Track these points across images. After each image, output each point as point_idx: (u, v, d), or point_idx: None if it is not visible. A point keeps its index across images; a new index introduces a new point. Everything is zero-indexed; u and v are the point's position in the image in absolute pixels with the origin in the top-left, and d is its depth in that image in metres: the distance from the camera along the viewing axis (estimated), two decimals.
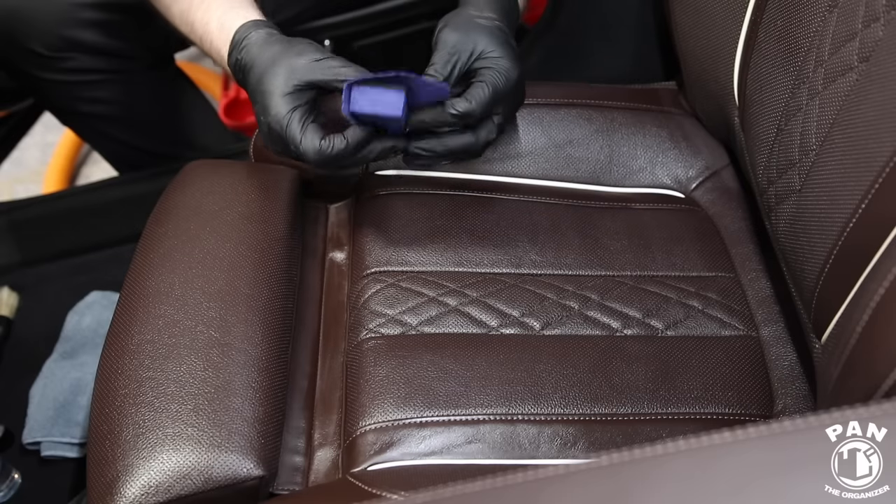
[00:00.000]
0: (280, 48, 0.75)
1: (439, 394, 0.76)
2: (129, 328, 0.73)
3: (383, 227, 0.89)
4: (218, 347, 0.71)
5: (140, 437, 0.66)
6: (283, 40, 0.77)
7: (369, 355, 0.79)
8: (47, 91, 1.17)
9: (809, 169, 0.68)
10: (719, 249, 0.91)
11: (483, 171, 0.96)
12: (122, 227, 1.25)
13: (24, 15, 1.07)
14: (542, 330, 0.81)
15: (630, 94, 1.02)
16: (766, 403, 0.78)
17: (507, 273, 0.86)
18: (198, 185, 0.85)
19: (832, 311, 0.65)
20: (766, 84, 0.77)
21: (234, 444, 0.66)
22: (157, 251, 0.78)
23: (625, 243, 0.89)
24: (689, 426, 0.76)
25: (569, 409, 0.76)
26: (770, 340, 0.83)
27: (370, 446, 0.73)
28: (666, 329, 0.82)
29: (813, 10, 0.68)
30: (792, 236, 0.72)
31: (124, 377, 0.69)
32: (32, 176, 1.79)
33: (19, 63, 1.12)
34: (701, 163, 0.98)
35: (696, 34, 0.92)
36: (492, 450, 0.73)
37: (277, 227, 0.82)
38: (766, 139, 0.76)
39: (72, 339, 1.12)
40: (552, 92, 1.00)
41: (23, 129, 1.46)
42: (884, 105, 0.59)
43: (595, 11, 1.20)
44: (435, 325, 0.81)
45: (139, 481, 0.64)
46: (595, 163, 0.97)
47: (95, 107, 1.18)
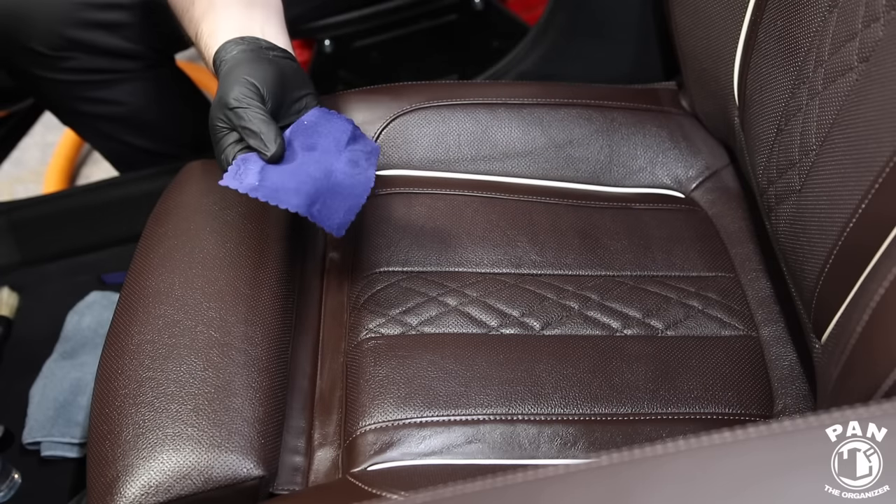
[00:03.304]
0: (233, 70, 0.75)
1: (439, 394, 0.76)
2: (129, 328, 0.73)
3: (383, 227, 0.89)
4: (218, 347, 0.71)
5: (140, 437, 0.66)
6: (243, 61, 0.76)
7: (369, 355, 0.79)
8: (48, 91, 1.16)
9: (809, 169, 0.68)
10: (719, 249, 0.91)
11: (483, 171, 0.96)
12: (122, 227, 1.25)
13: (25, 14, 1.07)
14: (542, 330, 0.81)
15: (630, 94, 1.02)
16: (766, 403, 0.78)
17: (507, 273, 0.86)
18: (198, 185, 0.85)
19: (832, 311, 0.65)
20: (766, 84, 0.77)
21: (234, 444, 0.66)
22: (158, 251, 0.78)
23: (625, 243, 0.89)
24: (689, 426, 0.76)
25: (569, 409, 0.76)
26: (770, 340, 0.83)
27: (370, 446, 0.73)
28: (666, 329, 0.82)
29: (813, 11, 0.68)
30: (792, 236, 0.72)
31: (124, 377, 0.69)
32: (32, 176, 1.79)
33: (20, 62, 1.12)
34: (701, 163, 0.98)
35: (696, 34, 0.92)
36: (492, 450, 0.73)
37: (277, 227, 0.82)
38: (766, 139, 0.76)
39: (72, 339, 1.12)
40: (552, 92, 1.00)
41: (23, 129, 1.46)
42: (884, 105, 0.59)
43: (595, 11, 1.20)
44: (435, 325, 0.81)
45: (139, 481, 0.64)
46: (595, 163, 0.97)
47: (96, 107, 1.18)
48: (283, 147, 0.73)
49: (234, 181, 0.71)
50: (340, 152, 0.76)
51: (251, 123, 0.72)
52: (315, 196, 0.72)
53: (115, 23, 1.10)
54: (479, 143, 0.96)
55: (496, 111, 0.97)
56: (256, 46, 0.77)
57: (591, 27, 1.22)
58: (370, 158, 0.78)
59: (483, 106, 0.97)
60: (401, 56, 1.50)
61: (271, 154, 0.72)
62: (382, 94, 0.98)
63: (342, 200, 0.73)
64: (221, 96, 0.74)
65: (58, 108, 1.23)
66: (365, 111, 0.96)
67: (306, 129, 0.77)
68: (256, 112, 0.72)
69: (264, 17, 0.82)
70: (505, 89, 1.01)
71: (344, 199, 0.74)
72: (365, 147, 0.79)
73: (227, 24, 0.79)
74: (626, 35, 1.20)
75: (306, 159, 0.74)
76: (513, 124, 0.97)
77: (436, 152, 0.96)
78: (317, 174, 0.73)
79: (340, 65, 1.47)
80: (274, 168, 0.72)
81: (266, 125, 0.72)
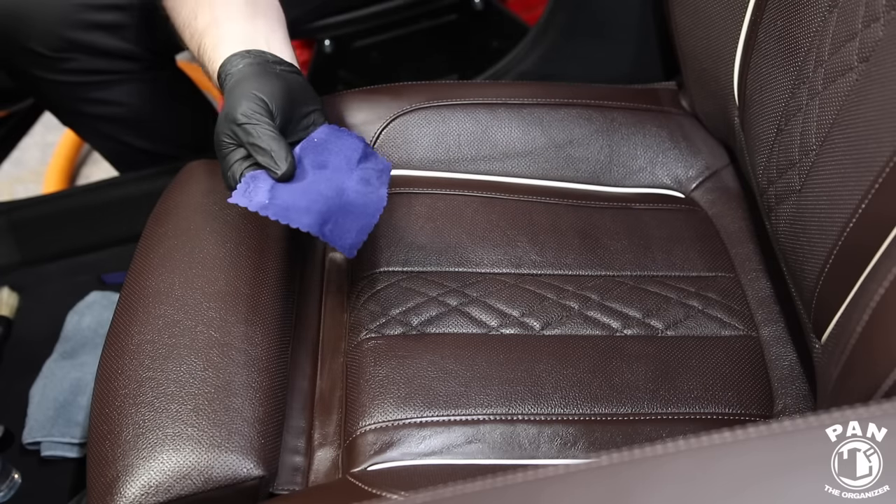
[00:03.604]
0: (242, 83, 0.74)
1: (439, 394, 0.76)
2: (129, 328, 0.73)
3: (383, 227, 0.89)
4: (218, 347, 0.71)
5: (140, 437, 0.66)
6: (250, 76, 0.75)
7: (369, 355, 0.79)
8: (48, 91, 1.16)
9: (809, 169, 0.68)
10: (719, 249, 0.91)
11: (483, 171, 0.96)
12: (122, 227, 1.25)
13: (24, 15, 1.07)
14: (542, 330, 0.81)
15: (630, 94, 1.02)
16: (766, 403, 0.78)
17: (507, 273, 0.86)
18: (198, 185, 0.85)
19: (832, 311, 0.65)
20: (766, 84, 0.77)
21: (234, 444, 0.66)
22: (158, 251, 0.78)
23: (625, 243, 0.89)
24: (689, 426, 0.76)
25: (569, 409, 0.76)
26: (770, 340, 0.83)
27: (370, 446, 0.73)
28: (666, 329, 0.82)
29: (813, 11, 0.68)
30: (792, 236, 0.72)
31: (124, 377, 0.69)
32: (32, 176, 1.79)
33: (20, 63, 1.12)
34: (701, 163, 0.98)
35: (696, 34, 0.92)
36: (492, 450, 0.73)
37: (278, 227, 0.82)
38: (766, 139, 0.76)
39: (72, 339, 1.12)
40: (552, 92, 1.00)
41: (23, 129, 1.46)
42: (884, 105, 0.59)
43: (595, 11, 1.20)
44: (435, 325, 0.81)
45: (139, 481, 0.64)
46: (595, 163, 0.97)
47: (96, 107, 1.18)
48: (293, 165, 0.72)
49: (243, 199, 0.70)
50: (352, 170, 0.75)
51: (261, 140, 0.71)
52: (327, 215, 0.71)
53: (114, 24, 1.10)
54: (479, 143, 0.96)
55: (496, 111, 0.97)
56: (263, 60, 0.76)
57: (591, 27, 1.22)
58: (382, 177, 0.77)
59: (483, 106, 0.97)
60: (401, 56, 1.50)
61: (282, 172, 0.71)
62: (382, 94, 0.98)
63: (354, 219, 0.73)
64: (229, 111, 0.72)
65: (58, 108, 1.23)
66: (365, 111, 0.96)
67: (316, 146, 0.75)
68: (266, 129, 0.71)
69: (268, 29, 0.81)
70: (505, 89, 1.01)
71: (356, 219, 0.73)
72: (376, 165, 0.78)
73: (231, 36, 0.78)
74: (626, 35, 1.20)
75: (317, 177, 0.73)
76: (513, 124, 0.97)
77: (436, 152, 0.96)
78: (328, 192, 0.72)
79: (340, 65, 1.47)
80: (284, 186, 0.71)
81: (276, 142, 0.71)
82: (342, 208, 0.72)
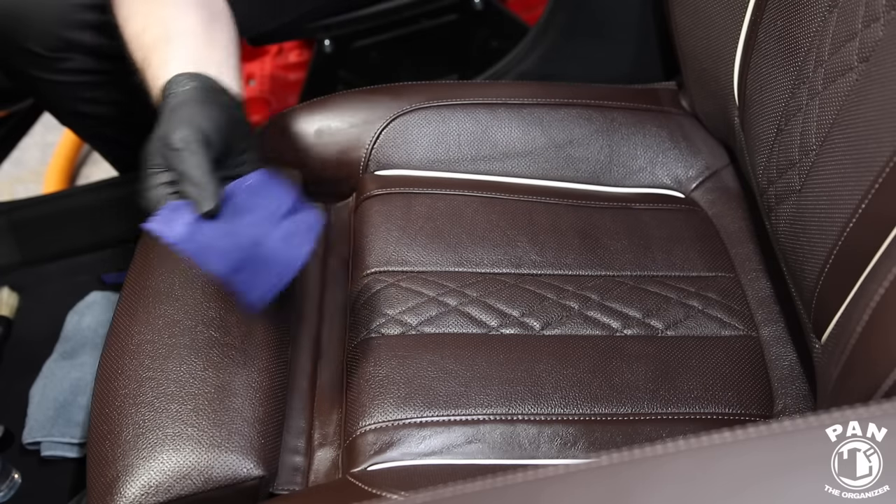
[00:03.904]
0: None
1: (439, 394, 0.76)
2: (129, 328, 0.73)
3: (383, 227, 0.89)
4: (218, 347, 0.71)
5: (140, 437, 0.66)
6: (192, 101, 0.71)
7: (369, 355, 0.79)
8: (46, 91, 1.16)
9: (809, 169, 0.68)
10: (719, 249, 0.91)
11: (483, 171, 0.96)
12: (122, 227, 1.25)
13: (21, 15, 1.07)
14: (542, 330, 0.81)
15: (630, 94, 1.02)
16: (766, 403, 0.78)
17: (507, 273, 0.86)
18: None
19: (832, 311, 0.65)
20: (766, 84, 0.77)
21: (234, 444, 0.66)
22: (158, 251, 0.78)
23: (625, 243, 0.89)
24: (689, 426, 0.76)
25: (569, 409, 0.76)
26: (770, 340, 0.83)
27: (370, 446, 0.73)
28: (666, 329, 0.82)
29: (813, 11, 0.68)
30: (792, 236, 0.72)
31: (124, 377, 0.69)
32: (32, 176, 1.79)
33: (17, 63, 1.12)
34: (701, 163, 0.98)
35: (696, 34, 0.92)
36: (492, 450, 0.73)
37: None
38: (766, 139, 0.76)
39: (72, 339, 1.12)
40: (552, 92, 1.00)
41: (23, 129, 1.46)
42: (884, 105, 0.59)
43: (595, 11, 1.20)
44: (435, 325, 0.81)
45: (139, 481, 0.64)
46: (595, 163, 0.97)
47: (95, 107, 1.18)
48: (219, 205, 0.67)
49: (162, 227, 0.66)
50: (277, 223, 0.70)
51: (193, 172, 0.66)
52: (241, 263, 0.67)
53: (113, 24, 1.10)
54: (479, 143, 0.96)
55: (496, 111, 0.97)
56: (210, 87, 0.72)
57: (591, 27, 1.22)
58: (308, 233, 0.71)
59: (483, 106, 0.97)
60: (401, 56, 1.50)
61: (208, 210, 0.66)
62: (382, 94, 0.98)
63: (267, 274, 0.68)
64: (166, 132, 0.68)
65: (56, 108, 1.23)
66: (365, 111, 0.96)
67: (246, 190, 0.70)
68: (201, 160, 0.67)
69: (222, 59, 0.77)
70: (505, 89, 1.01)
71: (269, 274, 0.68)
72: (305, 220, 0.72)
73: (183, 55, 0.75)
74: (626, 35, 1.20)
75: (240, 223, 0.68)
76: (513, 124, 0.97)
77: (436, 152, 0.96)
78: (246, 241, 0.68)
79: (340, 65, 1.47)
80: (206, 224, 0.66)
81: (208, 178, 0.66)
82: (258, 260, 0.68)
